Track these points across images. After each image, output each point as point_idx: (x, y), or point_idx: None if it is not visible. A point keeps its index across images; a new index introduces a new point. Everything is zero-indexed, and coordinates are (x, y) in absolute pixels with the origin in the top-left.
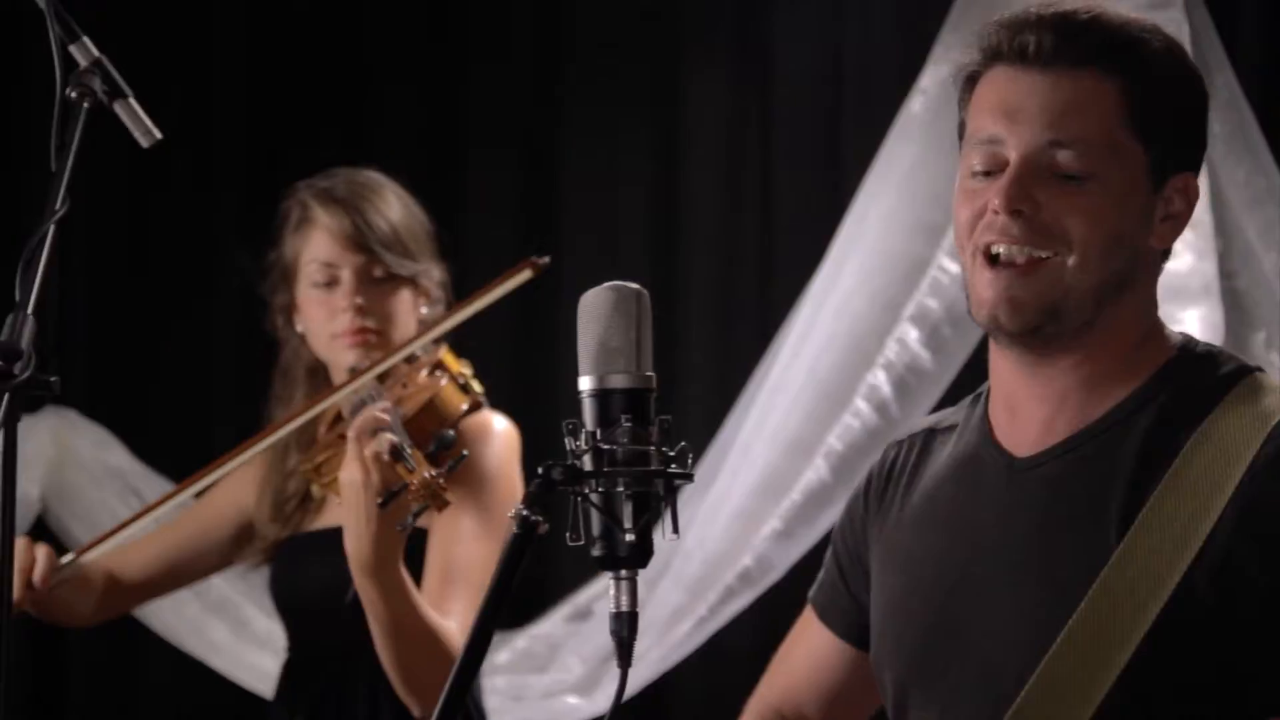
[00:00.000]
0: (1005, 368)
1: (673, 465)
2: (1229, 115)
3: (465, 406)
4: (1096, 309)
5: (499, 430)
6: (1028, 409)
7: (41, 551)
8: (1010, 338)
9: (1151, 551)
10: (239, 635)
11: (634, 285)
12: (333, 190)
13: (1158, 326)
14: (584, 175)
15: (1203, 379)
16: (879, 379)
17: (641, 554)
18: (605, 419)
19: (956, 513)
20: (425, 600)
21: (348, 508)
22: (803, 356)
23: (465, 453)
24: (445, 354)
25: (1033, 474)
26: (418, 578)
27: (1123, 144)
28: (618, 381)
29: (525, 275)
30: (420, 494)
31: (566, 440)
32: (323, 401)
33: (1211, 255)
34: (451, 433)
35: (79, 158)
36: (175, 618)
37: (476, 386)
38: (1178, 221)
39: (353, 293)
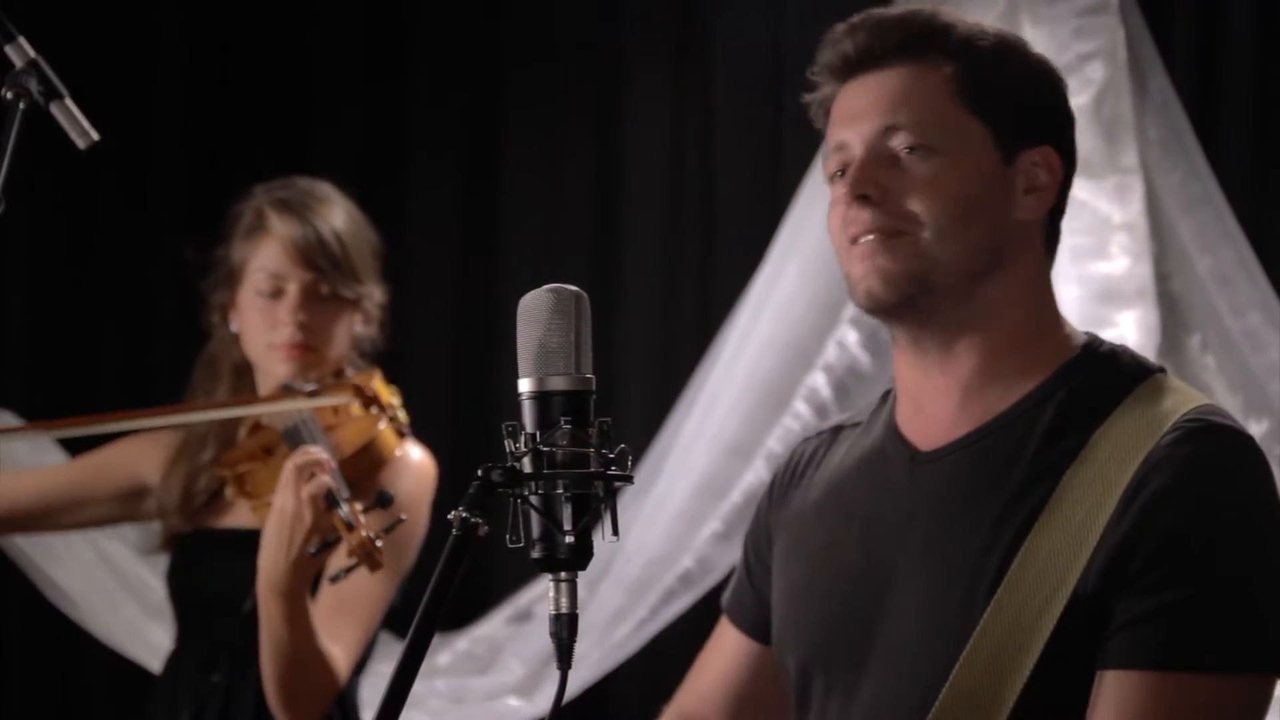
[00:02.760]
0: (907, 362)
1: (612, 467)
2: (1164, 119)
3: (399, 452)
4: (971, 281)
5: (414, 463)
6: (933, 404)
7: None
8: (889, 313)
9: (1052, 551)
10: None
11: (573, 287)
12: (290, 202)
13: (1057, 322)
14: (525, 176)
15: (1106, 378)
16: (818, 381)
17: (581, 556)
18: (545, 421)
19: (860, 504)
20: (314, 618)
21: (274, 532)
22: (742, 359)
23: (403, 517)
24: (380, 384)
25: (934, 466)
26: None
27: (958, 120)
28: (557, 383)
29: (344, 396)
30: (356, 552)
31: (506, 442)
32: (250, 406)
33: (1147, 258)
34: (392, 494)
35: (15, 157)
36: (114, 621)
37: (402, 416)
38: (1044, 194)
39: (296, 308)
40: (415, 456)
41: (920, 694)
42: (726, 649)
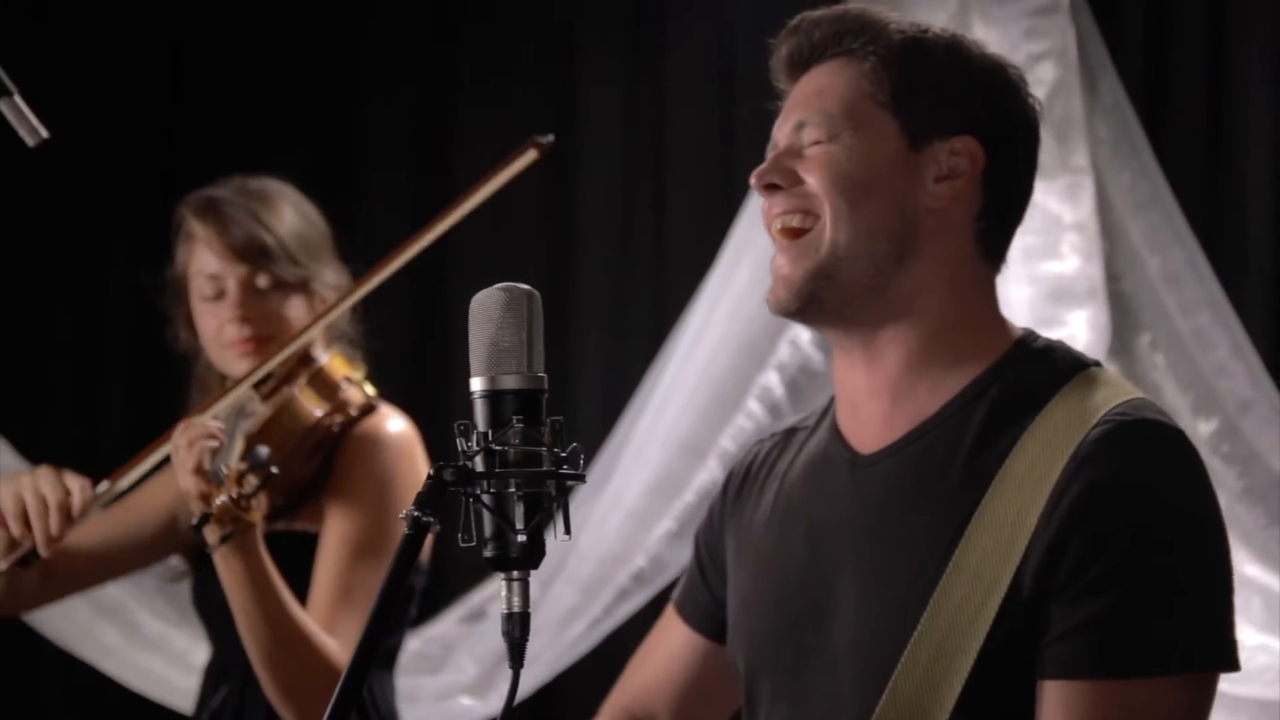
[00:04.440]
0: (840, 364)
1: (565, 466)
2: (1114, 120)
3: (321, 413)
4: (875, 271)
5: (391, 433)
6: (867, 405)
7: (75, 482)
8: (798, 317)
9: (985, 554)
10: (130, 639)
11: (525, 286)
12: (215, 201)
13: (992, 319)
14: (477, 175)
15: (1038, 373)
16: (771, 380)
17: (533, 555)
18: (497, 420)
19: (805, 509)
20: (314, 614)
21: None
22: (696, 357)
23: (274, 470)
24: (332, 358)
25: (872, 470)
26: (305, 580)
27: (864, 114)
28: (509, 382)
29: (531, 156)
30: (221, 518)
31: (458, 441)
32: (209, 409)
33: (1098, 258)
34: (265, 451)
35: None
36: (66, 622)
37: (369, 388)
38: (958, 182)
39: (238, 303)
40: (393, 429)
41: (860, 701)
42: (674, 643)
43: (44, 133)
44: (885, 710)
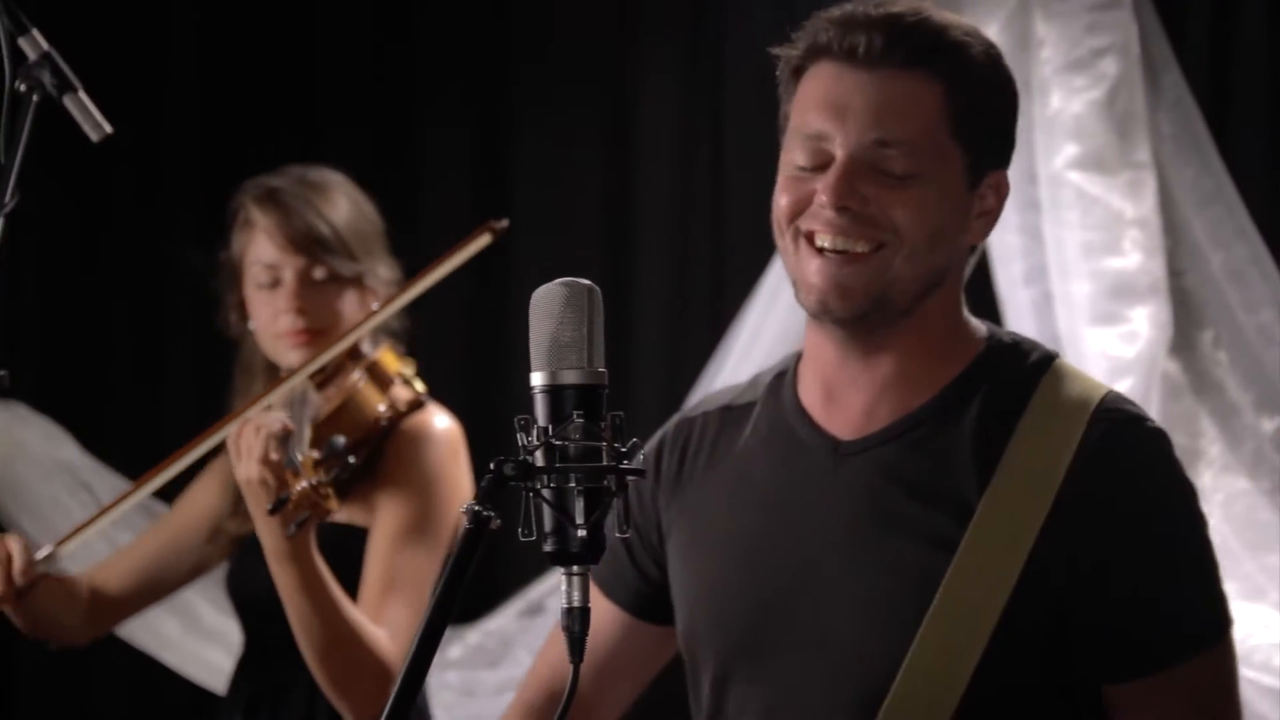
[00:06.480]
0: (827, 354)
1: (625, 461)
2: (1177, 116)
3: (383, 408)
4: (916, 301)
5: (439, 430)
6: (847, 395)
7: (16, 545)
8: (838, 323)
9: (993, 543)
10: (190, 630)
11: (585, 281)
12: (276, 191)
13: (963, 317)
14: (536, 172)
15: (1016, 369)
16: None
17: (593, 549)
18: (557, 415)
19: (778, 493)
20: (364, 606)
21: (251, 503)
22: (754, 353)
23: (352, 461)
24: (384, 353)
25: (861, 458)
26: (356, 576)
27: (944, 146)
28: (570, 377)
29: (484, 240)
30: (300, 503)
31: (518, 436)
32: (259, 401)
33: (1160, 254)
34: (341, 440)
35: (28, 151)
36: None
37: (418, 385)
38: (990, 217)
39: (294, 294)
40: (440, 425)
41: (864, 688)
42: (595, 619)
43: (108, 128)
44: (899, 693)
